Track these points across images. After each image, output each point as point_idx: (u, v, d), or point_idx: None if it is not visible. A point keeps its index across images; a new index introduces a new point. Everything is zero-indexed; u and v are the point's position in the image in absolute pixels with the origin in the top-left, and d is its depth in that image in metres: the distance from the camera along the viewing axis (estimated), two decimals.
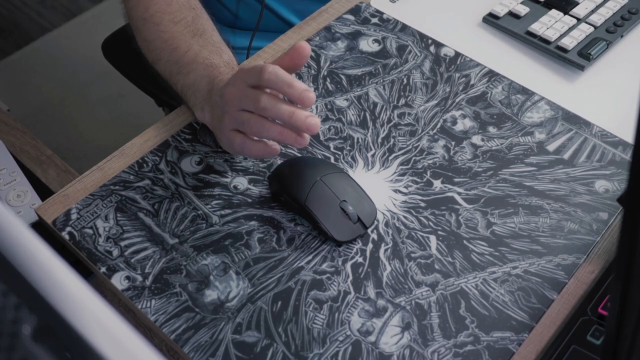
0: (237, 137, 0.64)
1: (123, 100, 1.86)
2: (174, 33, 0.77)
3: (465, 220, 0.69)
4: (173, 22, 0.77)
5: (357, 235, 0.67)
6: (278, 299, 0.63)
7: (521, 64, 0.84)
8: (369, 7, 0.90)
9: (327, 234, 0.66)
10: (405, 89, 0.81)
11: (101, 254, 0.66)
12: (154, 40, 0.78)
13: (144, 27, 0.79)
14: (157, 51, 0.78)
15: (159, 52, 0.77)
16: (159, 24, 0.78)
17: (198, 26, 0.78)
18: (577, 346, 0.59)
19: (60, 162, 0.83)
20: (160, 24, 0.78)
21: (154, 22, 0.78)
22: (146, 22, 0.79)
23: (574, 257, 0.66)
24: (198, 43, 0.75)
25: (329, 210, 0.66)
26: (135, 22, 0.80)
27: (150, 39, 0.78)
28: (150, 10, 0.79)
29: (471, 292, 0.64)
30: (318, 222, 0.66)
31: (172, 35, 0.77)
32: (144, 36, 0.79)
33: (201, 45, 0.75)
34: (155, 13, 0.78)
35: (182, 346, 0.60)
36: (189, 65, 0.74)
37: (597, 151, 0.75)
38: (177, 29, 0.77)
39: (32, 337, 0.28)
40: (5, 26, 2.12)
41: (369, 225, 0.67)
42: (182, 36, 0.76)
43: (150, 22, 0.78)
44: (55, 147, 1.35)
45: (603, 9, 0.87)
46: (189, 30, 0.77)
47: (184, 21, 0.77)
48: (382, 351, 0.60)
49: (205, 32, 0.77)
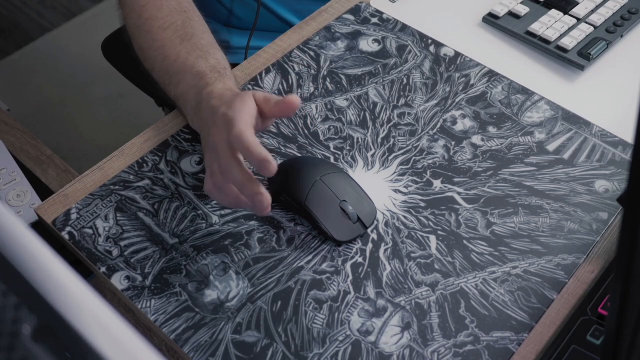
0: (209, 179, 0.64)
1: (123, 100, 1.86)
2: (164, 41, 0.76)
3: (465, 220, 0.69)
4: (162, 28, 0.76)
5: (357, 235, 0.67)
6: (278, 299, 0.63)
7: (521, 64, 0.84)
8: (369, 7, 0.90)
9: (327, 234, 0.66)
10: (405, 89, 0.81)
11: (101, 254, 0.66)
12: (148, 49, 0.77)
13: (139, 35, 0.78)
14: (150, 60, 0.77)
15: (152, 61, 0.77)
16: (150, 32, 0.77)
17: (187, 30, 0.77)
18: (577, 346, 0.59)
19: (60, 162, 0.83)
20: (151, 32, 0.77)
21: (146, 30, 0.77)
22: (140, 29, 0.78)
23: (574, 257, 0.66)
24: (186, 49, 0.74)
25: (329, 210, 0.66)
26: (131, 29, 0.80)
27: (145, 47, 0.78)
28: (143, 17, 0.78)
29: (471, 292, 0.64)
30: (318, 222, 0.66)
31: (163, 43, 0.76)
32: (139, 44, 0.79)
33: (188, 51, 0.74)
34: (147, 20, 0.77)
35: (182, 346, 0.60)
36: (178, 75, 0.73)
37: (597, 151, 0.75)
38: (167, 36, 0.76)
39: (32, 337, 0.28)
40: (5, 26, 2.12)
41: (369, 225, 0.67)
42: (171, 43, 0.75)
43: (142, 30, 0.78)
44: (55, 147, 1.35)
45: (603, 9, 0.87)
46: (177, 35, 0.76)
47: (173, 26, 0.76)
48: (382, 351, 0.60)
49: (194, 35, 0.76)
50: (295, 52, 0.84)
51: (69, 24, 2.11)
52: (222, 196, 0.63)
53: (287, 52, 0.84)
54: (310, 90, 0.80)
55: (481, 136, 0.76)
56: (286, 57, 0.84)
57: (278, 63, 0.83)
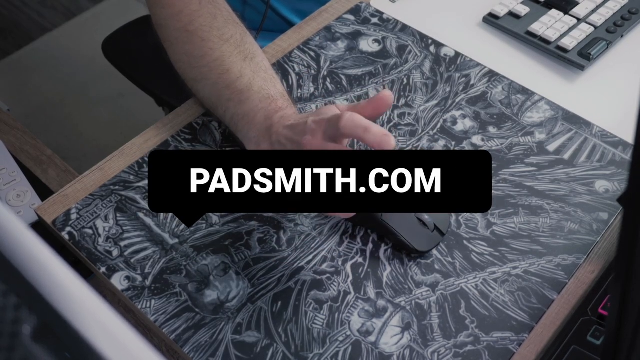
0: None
1: (123, 100, 1.87)
2: (224, 52, 0.71)
3: (465, 221, 0.69)
4: (222, 39, 0.72)
5: (437, 243, 0.66)
6: (278, 299, 0.63)
7: (521, 64, 0.84)
8: (369, 7, 0.90)
9: (409, 246, 0.65)
10: (406, 89, 0.81)
11: (101, 254, 0.66)
12: (202, 57, 0.72)
13: (187, 41, 0.72)
14: (203, 69, 0.72)
15: (206, 71, 0.72)
16: (206, 40, 0.72)
17: (247, 46, 0.73)
18: (577, 346, 0.59)
19: (60, 162, 0.83)
20: (208, 40, 0.72)
21: (200, 36, 0.72)
22: (191, 35, 0.72)
23: (574, 257, 0.66)
24: (250, 68, 0.71)
25: (406, 222, 0.65)
26: (174, 33, 0.73)
27: (196, 55, 0.72)
28: (196, 23, 0.72)
29: (471, 292, 0.64)
30: (397, 235, 0.65)
31: (222, 54, 0.71)
32: (186, 50, 0.73)
33: (254, 71, 0.71)
34: (202, 27, 0.72)
35: (182, 346, 0.60)
36: (242, 93, 0.69)
37: (597, 151, 0.75)
38: (227, 49, 0.71)
39: (32, 337, 0.28)
40: (5, 26, 2.12)
41: (445, 231, 0.67)
42: (232, 57, 0.71)
43: (195, 35, 0.72)
44: (55, 147, 1.35)
45: (603, 9, 0.87)
46: (239, 51, 0.72)
47: (232, 39, 0.72)
48: (382, 351, 0.60)
49: (255, 55, 0.73)
50: (295, 52, 0.84)
51: (69, 24, 2.11)
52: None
53: (287, 52, 0.84)
54: (310, 90, 0.80)
55: (481, 136, 0.76)
56: (286, 57, 0.84)
57: (278, 63, 0.83)
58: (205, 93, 0.74)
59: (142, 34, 0.78)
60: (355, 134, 0.56)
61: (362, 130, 0.55)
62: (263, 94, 0.68)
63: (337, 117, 0.57)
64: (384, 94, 0.58)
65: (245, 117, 0.68)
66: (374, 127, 0.55)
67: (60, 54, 2.02)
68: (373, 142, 0.55)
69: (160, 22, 0.75)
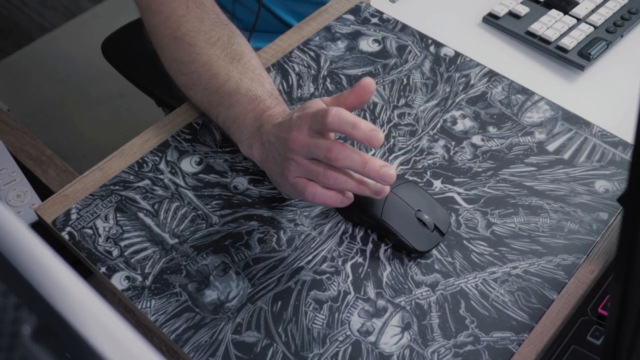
0: (308, 186, 0.59)
1: (123, 100, 1.87)
2: (210, 57, 0.71)
3: (465, 221, 0.69)
4: (209, 43, 0.72)
5: (437, 243, 0.66)
6: (278, 299, 0.63)
7: (521, 64, 0.84)
8: (369, 7, 0.90)
9: (408, 246, 0.65)
10: (405, 89, 0.81)
11: (101, 254, 0.66)
12: (190, 63, 0.72)
13: (176, 47, 0.73)
14: (192, 75, 0.73)
15: (195, 77, 0.72)
16: (193, 45, 0.72)
17: (235, 47, 0.73)
18: (577, 346, 0.59)
19: (60, 162, 0.83)
20: (195, 45, 0.72)
21: (187, 42, 0.72)
22: (179, 41, 0.72)
23: (574, 257, 0.66)
24: (237, 70, 0.71)
25: (406, 221, 0.65)
26: (164, 39, 0.74)
27: (185, 61, 0.73)
28: (183, 28, 0.72)
29: (471, 292, 0.64)
30: (397, 235, 0.65)
31: (209, 58, 0.71)
32: (176, 57, 0.73)
33: (241, 72, 0.71)
34: (188, 32, 0.72)
35: (182, 346, 0.60)
36: (230, 96, 0.69)
37: (597, 151, 0.75)
38: (214, 52, 0.72)
39: (32, 337, 0.28)
40: (5, 26, 2.12)
41: (445, 231, 0.67)
42: (220, 61, 0.71)
43: (183, 41, 0.72)
44: (55, 147, 1.35)
45: (603, 9, 0.87)
46: (226, 53, 0.72)
47: (219, 42, 0.72)
48: (382, 351, 0.60)
49: (242, 54, 0.73)
50: (295, 52, 0.84)
51: (69, 24, 2.11)
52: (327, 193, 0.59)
53: (287, 52, 0.84)
54: (310, 90, 0.80)
55: (481, 136, 0.76)
56: (286, 57, 0.84)
57: (278, 63, 0.83)
58: (197, 99, 0.74)
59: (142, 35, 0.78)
60: (343, 130, 0.55)
61: (350, 127, 0.55)
62: (250, 96, 0.68)
63: (324, 113, 0.56)
64: (365, 81, 0.58)
65: (236, 120, 0.68)
66: (362, 123, 0.55)
67: (60, 54, 2.02)
68: (362, 138, 0.55)
69: (151, 30, 0.75)
